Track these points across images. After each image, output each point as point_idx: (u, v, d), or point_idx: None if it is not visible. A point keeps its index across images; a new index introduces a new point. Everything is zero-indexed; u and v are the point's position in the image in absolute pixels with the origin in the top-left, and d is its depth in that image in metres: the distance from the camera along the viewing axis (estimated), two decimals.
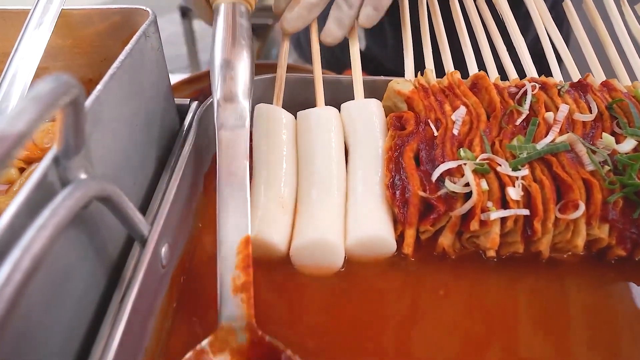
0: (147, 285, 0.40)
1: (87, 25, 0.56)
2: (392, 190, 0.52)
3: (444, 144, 0.54)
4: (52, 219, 0.29)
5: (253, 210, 0.53)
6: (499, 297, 0.49)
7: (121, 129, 0.44)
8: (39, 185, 0.31)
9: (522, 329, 0.46)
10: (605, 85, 0.61)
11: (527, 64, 0.65)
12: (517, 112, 0.57)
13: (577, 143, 0.53)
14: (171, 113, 0.57)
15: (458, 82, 0.61)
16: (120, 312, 0.37)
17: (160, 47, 0.52)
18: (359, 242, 0.50)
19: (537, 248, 0.50)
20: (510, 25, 0.68)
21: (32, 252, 0.27)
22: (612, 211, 0.49)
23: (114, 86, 0.41)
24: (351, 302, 0.49)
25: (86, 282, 0.38)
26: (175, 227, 0.48)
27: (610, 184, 0.49)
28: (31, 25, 0.51)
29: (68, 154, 0.33)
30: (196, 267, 0.51)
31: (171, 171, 0.50)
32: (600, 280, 0.51)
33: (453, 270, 0.51)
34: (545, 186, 0.49)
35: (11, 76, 0.49)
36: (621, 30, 0.67)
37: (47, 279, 0.33)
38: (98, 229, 0.39)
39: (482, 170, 0.50)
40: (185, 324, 0.46)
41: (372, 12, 0.60)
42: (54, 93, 0.26)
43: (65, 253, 0.35)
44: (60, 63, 0.58)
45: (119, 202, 0.37)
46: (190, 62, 2.67)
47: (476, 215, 0.48)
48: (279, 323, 0.47)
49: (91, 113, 0.37)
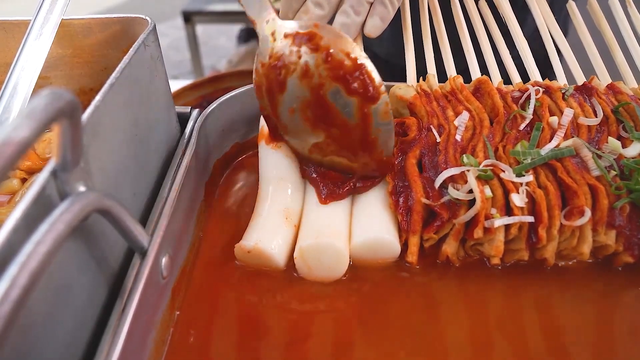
0: (147, 297, 0.40)
1: (87, 35, 0.56)
2: (395, 197, 0.52)
3: (446, 150, 0.53)
4: (50, 234, 0.29)
5: (255, 217, 0.53)
6: (504, 305, 0.49)
7: (120, 140, 0.44)
8: (37, 199, 0.31)
9: (527, 338, 0.46)
10: (611, 88, 0.60)
11: (531, 68, 0.64)
12: (521, 116, 0.56)
13: (583, 148, 0.52)
14: (172, 122, 0.57)
15: (460, 87, 0.60)
16: (121, 324, 0.37)
17: (160, 56, 0.52)
18: (364, 244, 0.50)
19: (542, 255, 0.49)
20: (512, 27, 0.67)
21: (29, 268, 0.27)
22: (619, 217, 0.48)
23: (113, 96, 0.41)
24: (354, 311, 0.48)
25: (87, 294, 0.38)
26: (176, 237, 0.48)
27: (616, 190, 0.49)
28: (32, 36, 0.51)
29: (66, 166, 0.33)
30: (198, 278, 0.51)
31: (172, 181, 0.49)
32: (607, 288, 0.50)
33: (457, 279, 0.51)
34: (550, 192, 0.49)
35: (12, 87, 0.49)
36: (627, 31, 0.66)
37: (47, 292, 0.33)
38: (98, 241, 0.39)
39: (486, 176, 0.50)
40: (187, 335, 0.46)
41: (379, 23, 0.60)
42: (49, 108, 0.26)
43: (65, 265, 0.35)
44: (60, 73, 0.58)
45: (118, 214, 0.37)
46: (194, 67, 2.68)
47: (480, 223, 0.47)
48: (279, 331, 0.46)
49: (90, 124, 0.37)
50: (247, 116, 0.65)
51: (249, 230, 0.52)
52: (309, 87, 0.49)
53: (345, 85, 0.47)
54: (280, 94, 0.51)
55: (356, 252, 0.51)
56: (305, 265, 0.50)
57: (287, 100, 0.51)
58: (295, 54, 0.48)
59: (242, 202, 0.61)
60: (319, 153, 0.54)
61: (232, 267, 0.52)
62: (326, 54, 0.47)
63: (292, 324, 0.47)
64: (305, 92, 0.49)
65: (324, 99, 0.49)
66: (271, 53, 0.50)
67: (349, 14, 0.61)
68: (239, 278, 0.51)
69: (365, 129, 0.50)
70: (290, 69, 0.49)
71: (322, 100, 0.49)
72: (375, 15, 0.61)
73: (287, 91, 0.50)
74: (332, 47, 0.47)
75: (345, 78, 0.47)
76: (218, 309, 0.48)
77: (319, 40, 0.48)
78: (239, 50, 2.68)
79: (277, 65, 0.49)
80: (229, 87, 0.77)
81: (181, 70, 3.19)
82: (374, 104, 0.48)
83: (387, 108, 0.49)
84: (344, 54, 0.47)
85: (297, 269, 0.50)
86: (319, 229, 0.51)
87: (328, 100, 0.49)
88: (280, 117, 0.53)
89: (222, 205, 0.61)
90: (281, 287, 0.50)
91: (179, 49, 3.43)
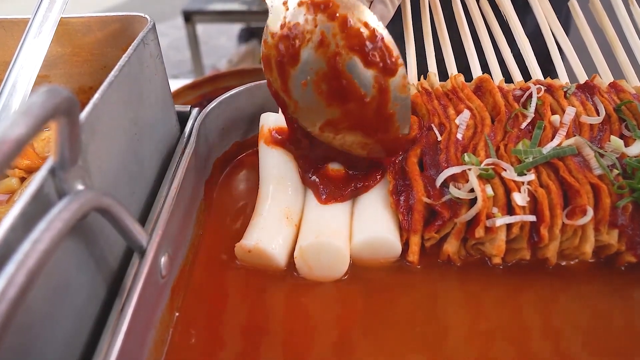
0: (146, 296, 0.40)
1: (86, 33, 0.55)
2: (396, 196, 0.52)
3: (447, 149, 0.53)
4: (47, 232, 0.29)
5: (256, 217, 0.53)
6: (505, 305, 0.48)
7: (119, 138, 0.43)
8: (34, 197, 0.31)
9: (529, 337, 0.45)
10: (613, 87, 0.60)
11: (532, 66, 0.64)
12: (522, 115, 0.56)
13: (585, 146, 0.51)
14: (171, 120, 0.57)
15: (462, 85, 0.60)
16: (120, 323, 0.37)
17: (159, 54, 0.52)
18: (365, 243, 0.50)
19: (544, 255, 0.49)
20: (514, 26, 0.67)
21: (27, 267, 0.27)
22: (622, 216, 0.48)
23: (112, 95, 0.41)
24: (354, 310, 0.48)
25: (86, 293, 0.38)
26: (175, 236, 0.48)
27: (619, 189, 0.48)
28: (31, 34, 0.51)
29: (64, 165, 0.32)
30: (198, 277, 0.51)
31: (171, 179, 0.49)
32: (609, 288, 0.49)
33: (458, 278, 0.50)
34: (551, 191, 0.48)
35: (11, 85, 0.49)
36: (629, 29, 0.66)
37: (46, 291, 0.33)
38: (97, 240, 0.39)
39: (487, 175, 0.49)
40: (187, 335, 0.46)
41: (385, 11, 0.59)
42: (46, 105, 0.26)
43: (64, 264, 0.34)
44: (60, 71, 0.58)
45: (116, 213, 0.36)
46: (194, 66, 2.68)
47: (481, 222, 0.47)
48: (280, 331, 0.46)
49: (88, 123, 0.37)
50: (247, 114, 0.65)
51: (250, 229, 0.52)
52: (325, 58, 0.47)
53: (363, 56, 0.46)
54: (292, 66, 0.48)
55: (357, 252, 0.50)
56: (305, 264, 0.49)
57: (299, 73, 0.48)
58: (312, 22, 0.46)
59: (242, 200, 0.61)
60: (331, 131, 0.51)
61: (232, 267, 0.52)
62: (343, 23, 0.45)
63: (292, 324, 0.47)
64: (321, 63, 0.47)
65: (341, 71, 0.46)
66: (284, 22, 0.48)
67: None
68: (239, 278, 0.51)
69: (383, 103, 0.48)
70: (306, 39, 0.47)
71: (339, 72, 0.47)
72: (376, 14, 0.60)
73: (300, 62, 0.48)
74: (350, 16, 0.46)
75: (363, 48, 0.46)
76: (218, 309, 0.48)
77: (336, 9, 0.46)
78: (240, 50, 2.68)
79: (291, 35, 0.47)
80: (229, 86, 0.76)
81: (181, 70, 3.19)
82: (392, 77, 0.47)
83: (405, 81, 0.48)
84: (361, 23, 0.46)
85: (297, 269, 0.50)
86: (319, 228, 0.50)
87: (345, 71, 0.47)
88: (291, 92, 0.50)
89: (222, 204, 0.60)
90: (282, 287, 0.50)
91: (180, 49, 3.43)
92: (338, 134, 0.51)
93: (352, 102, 0.48)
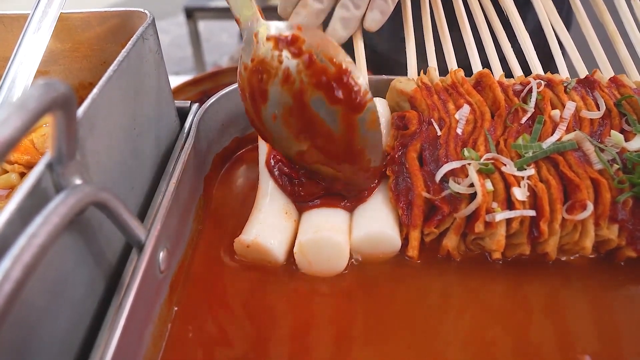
0: (144, 292, 0.40)
1: (86, 28, 0.55)
2: (396, 191, 0.51)
3: (447, 144, 0.53)
4: (44, 227, 0.29)
5: (255, 212, 0.53)
6: (505, 300, 0.48)
7: (118, 133, 0.43)
8: (32, 191, 0.31)
9: (529, 333, 0.45)
10: (614, 81, 0.59)
11: (533, 61, 0.63)
12: (522, 110, 0.56)
13: (585, 141, 0.51)
14: (171, 116, 0.57)
15: (462, 80, 0.59)
16: (118, 318, 0.37)
17: (159, 50, 0.52)
18: (364, 238, 0.50)
19: (544, 250, 0.48)
20: (514, 20, 0.67)
21: (23, 261, 0.27)
22: (622, 211, 0.48)
23: (111, 90, 0.41)
24: (354, 305, 0.48)
25: (84, 288, 0.38)
26: (174, 231, 0.48)
27: (619, 183, 0.48)
28: (30, 30, 0.51)
29: (61, 159, 0.32)
30: (196, 272, 0.51)
31: (170, 175, 0.49)
32: (609, 283, 0.49)
33: (458, 273, 0.50)
34: (551, 186, 0.48)
35: (10, 81, 0.49)
36: (630, 24, 0.65)
37: (44, 286, 0.33)
38: (95, 235, 0.39)
39: (487, 170, 0.49)
40: (185, 330, 0.46)
41: (378, 17, 0.59)
42: (42, 98, 0.26)
43: (62, 259, 0.34)
44: (59, 67, 0.58)
45: (114, 208, 0.36)
46: (196, 63, 2.68)
47: (481, 217, 0.47)
48: (279, 326, 0.46)
49: (86, 118, 0.37)
50: None
51: (249, 224, 0.52)
52: (290, 94, 0.46)
53: (328, 94, 0.44)
54: (262, 100, 0.48)
55: (357, 247, 0.50)
56: (305, 259, 0.49)
57: (269, 106, 0.48)
58: (277, 59, 0.45)
59: (241, 196, 0.61)
60: (303, 162, 0.51)
61: (231, 262, 0.52)
62: (308, 59, 0.44)
63: (291, 319, 0.47)
64: (287, 99, 0.46)
65: (307, 107, 0.46)
66: (254, 56, 0.47)
67: (349, 7, 0.60)
68: (239, 273, 0.51)
69: (351, 139, 0.47)
70: (272, 74, 0.46)
71: (305, 109, 0.46)
72: (375, 9, 0.60)
73: (269, 97, 0.47)
74: (315, 51, 0.44)
75: (328, 85, 0.44)
76: (217, 304, 0.48)
77: (301, 44, 0.44)
78: (241, 47, 2.67)
79: (259, 70, 0.47)
80: (230, 83, 0.76)
81: (183, 67, 3.19)
82: (359, 114, 0.45)
83: (374, 116, 0.46)
84: (327, 58, 0.44)
85: (297, 264, 0.50)
86: (318, 223, 0.50)
87: (311, 108, 0.46)
88: (264, 124, 0.50)
89: (221, 200, 0.60)
90: (281, 282, 0.50)
91: (181, 46, 3.43)
92: (312, 165, 0.51)
93: (320, 137, 0.47)
